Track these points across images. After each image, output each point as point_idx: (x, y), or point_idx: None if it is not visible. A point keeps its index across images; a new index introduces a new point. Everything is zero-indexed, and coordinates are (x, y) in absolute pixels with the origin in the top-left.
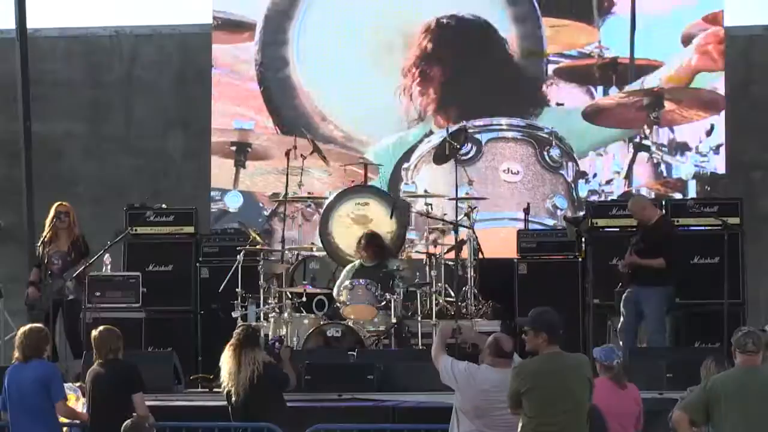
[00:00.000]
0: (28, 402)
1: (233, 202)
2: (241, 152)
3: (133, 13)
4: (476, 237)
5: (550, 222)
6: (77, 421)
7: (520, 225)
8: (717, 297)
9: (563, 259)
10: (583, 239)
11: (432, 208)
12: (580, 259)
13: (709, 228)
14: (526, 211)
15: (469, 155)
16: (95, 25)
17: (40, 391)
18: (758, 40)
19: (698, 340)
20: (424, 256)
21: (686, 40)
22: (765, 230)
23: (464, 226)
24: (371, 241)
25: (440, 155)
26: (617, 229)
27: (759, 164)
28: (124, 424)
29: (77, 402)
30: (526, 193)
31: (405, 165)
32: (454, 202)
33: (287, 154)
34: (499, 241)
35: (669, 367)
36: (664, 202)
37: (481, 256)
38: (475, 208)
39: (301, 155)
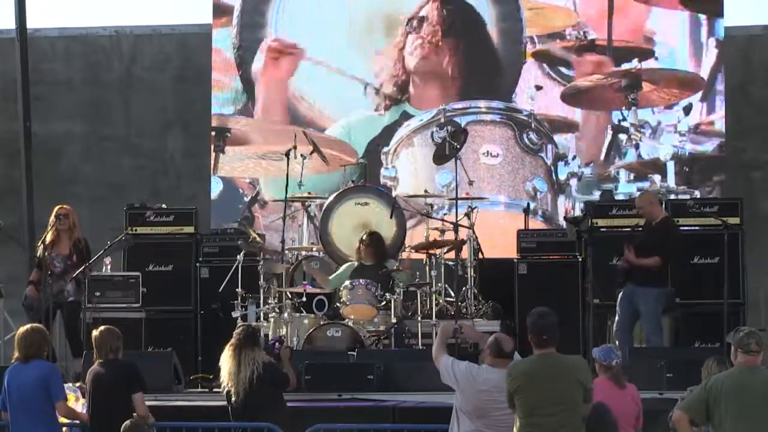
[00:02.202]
0: (28, 402)
1: (213, 189)
2: (220, 138)
3: (133, 13)
4: (476, 237)
5: (531, 204)
6: (77, 421)
7: (501, 208)
8: (717, 297)
9: (563, 259)
10: (583, 239)
11: (432, 209)
12: (580, 259)
13: (709, 228)
14: (526, 211)
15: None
16: (95, 25)
17: (40, 391)
18: (758, 40)
19: (698, 340)
20: (424, 256)
21: None
22: (765, 230)
23: (464, 226)
24: (374, 240)
25: (440, 155)
26: (617, 229)
27: (759, 164)
28: (124, 425)
29: (77, 402)
30: (506, 175)
31: (384, 149)
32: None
33: (287, 154)
34: (481, 224)
35: (669, 367)
36: (663, 202)
37: (481, 256)
38: (475, 208)
39: (301, 155)
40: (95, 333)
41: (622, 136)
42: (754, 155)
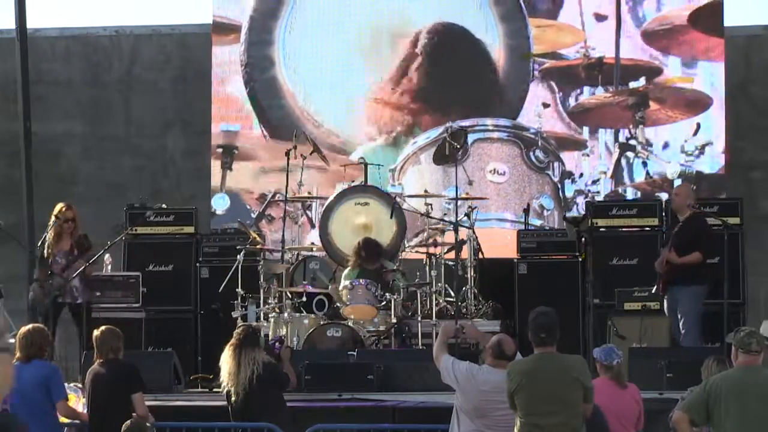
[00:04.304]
0: (28, 402)
1: (220, 205)
2: (228, 154)
3: (133, 13)
4: (476, 237)
5: (537, 222)
6: (77, 421)
7: (507, 225)
8: (717, 297)
9: (563, 259)
10: (583, 239)
11: (431, 209)
12: (580, 259)
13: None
14: (526, 211)
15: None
16: (95, 25)
17: (40, 391)
18: (758, 40)
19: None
20: (424, 256)
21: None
22: (765, 230)
23: (464, 226)
24: (370, 246)
25: (440, 156)
26: (617, 229)
27: (759, 164)
28: (125, 424)
29: (77, 402)
30: (513, 193)
31: (391, 166)
32: (447, 202)
33: (287, 153)
34: (488, 241)
35: (669, 367)
36: (663, 202)
37: (481, 256)
38: (475, 208)
39: (301, 155)
40: (96, 333)
41: (630, 154)
42: (754, 155)
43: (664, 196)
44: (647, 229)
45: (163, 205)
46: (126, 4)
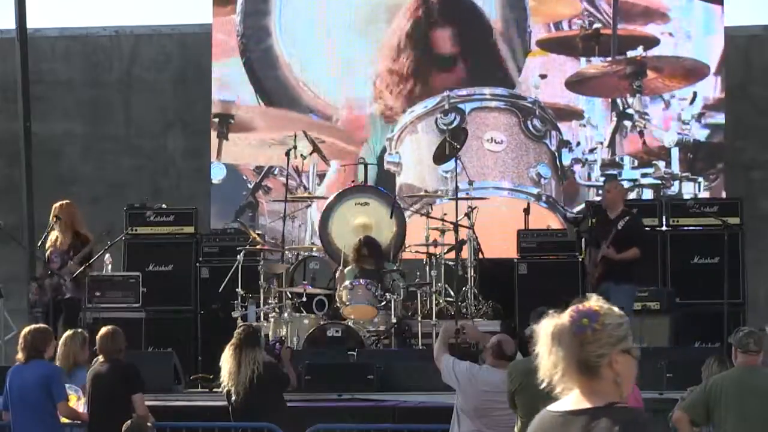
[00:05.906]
0: (29, 402)
1: (216, 175)
2: (224, 124)
3: (133, 13)
4: (476, 237)
5: (534, 190)
6: (78, 422)
7: (504, 194)
8: (717, 297)
9: (563, 259)
10: (583, 239)
11: (431, 209)
12: (580, 259)
13: (709, 228)
14: (526, 211)
15: (453, 125)
16: (95, 25)
17: (41, 392)
18: (758, 40)
19: (698, 340)
20: (424, 256)
21: None
22: (765, 230)
23: (464, 226)
24: (371, 245)
25: (440, 155)
26: None
27: (759, 164)
28: (125, 425)
29: (78, 402)
30: (510, 162)
31: (389, 135)
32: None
33: (287, 154)
34: (487, 213)
35: (669, 367)
36: (663, 203)
37: (481, 256)
38: (475, 208)
39: (301, 155)
40: (101, 332)
41: (627, 123)
42: (754, 155)
43: (661, 164)
44: (647, 228)
45: (163, 205)
46: (126, 4)
